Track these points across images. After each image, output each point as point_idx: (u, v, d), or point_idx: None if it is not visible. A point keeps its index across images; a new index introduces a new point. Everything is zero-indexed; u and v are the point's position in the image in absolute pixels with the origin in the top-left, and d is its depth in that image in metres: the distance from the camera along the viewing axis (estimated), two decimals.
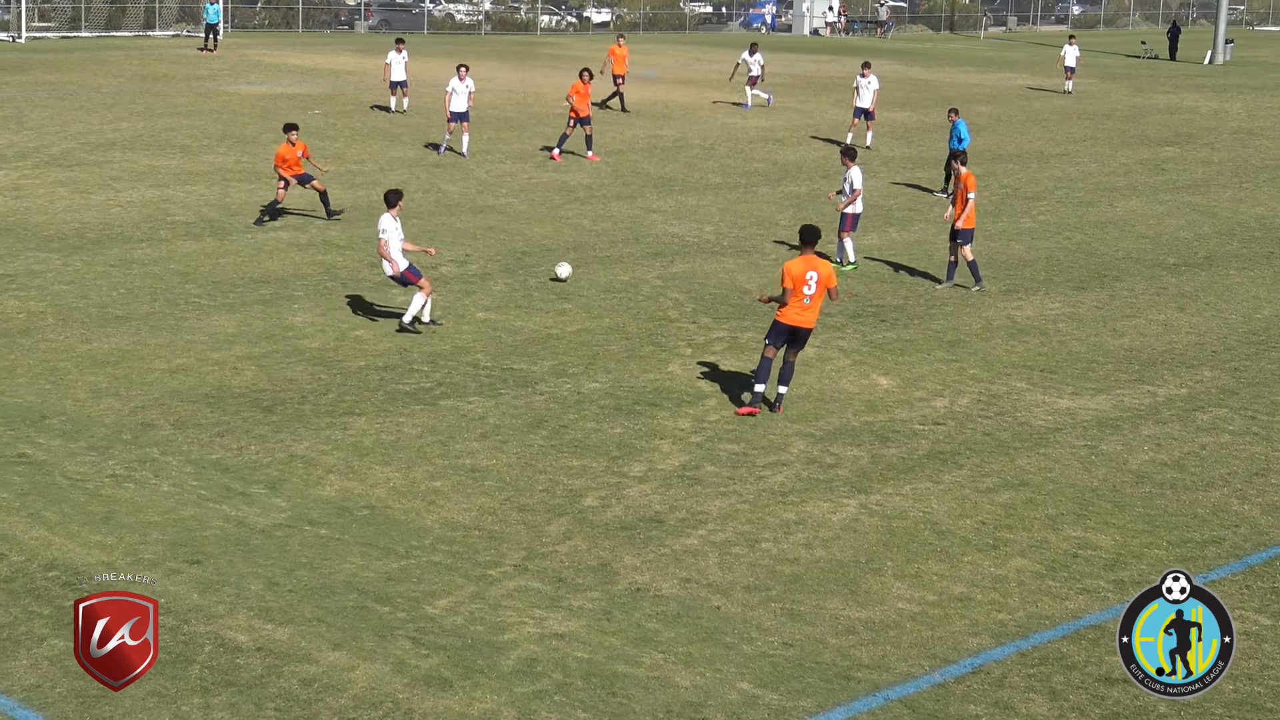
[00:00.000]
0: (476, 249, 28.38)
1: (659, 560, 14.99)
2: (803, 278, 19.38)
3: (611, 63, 51.24)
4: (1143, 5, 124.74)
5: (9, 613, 13.24)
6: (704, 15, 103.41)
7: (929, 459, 18.20)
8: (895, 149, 44.42)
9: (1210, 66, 79.62)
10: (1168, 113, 56.49)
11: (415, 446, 17.86)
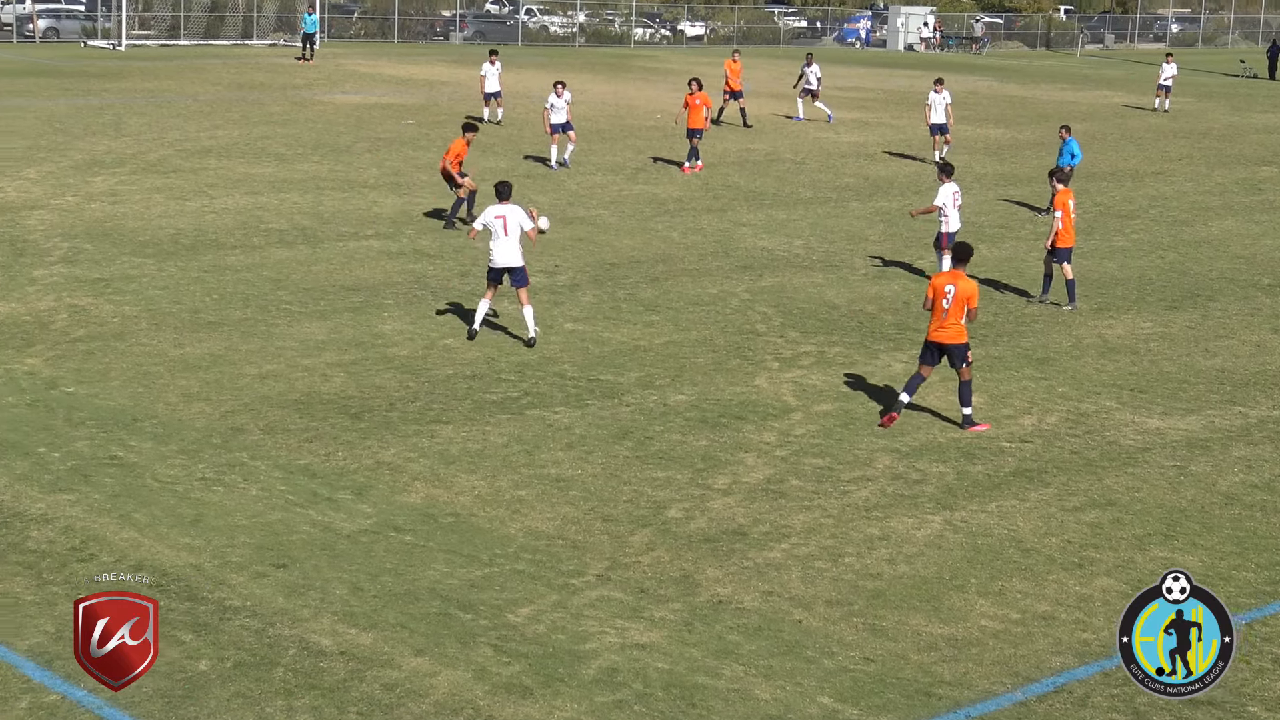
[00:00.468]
0: (566, 260, 28.49)
1: (741, 573, 14.99)
2: (941, 290, 19.64)
3: (727, 76, 51.34)
4: (1242, 24, 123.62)
5: None
6: (797, 29, 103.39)
7: (1015, 476, 18.11)
8: (988, 165, 44.21)
9: None
10: (1265, 132, 55.94)
11: (501, 455, 17.95)
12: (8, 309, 23.36)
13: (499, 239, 22.44)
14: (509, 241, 22.45)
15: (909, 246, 31.39)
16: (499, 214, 22.53)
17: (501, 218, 22.49)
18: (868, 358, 22.93)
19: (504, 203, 22.67)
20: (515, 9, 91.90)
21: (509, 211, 22.55)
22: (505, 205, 22.64)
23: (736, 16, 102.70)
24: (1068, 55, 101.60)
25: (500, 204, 22.66)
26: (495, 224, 22.50)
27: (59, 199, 32.17)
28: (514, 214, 22.55)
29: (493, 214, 22.59)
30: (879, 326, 24.81)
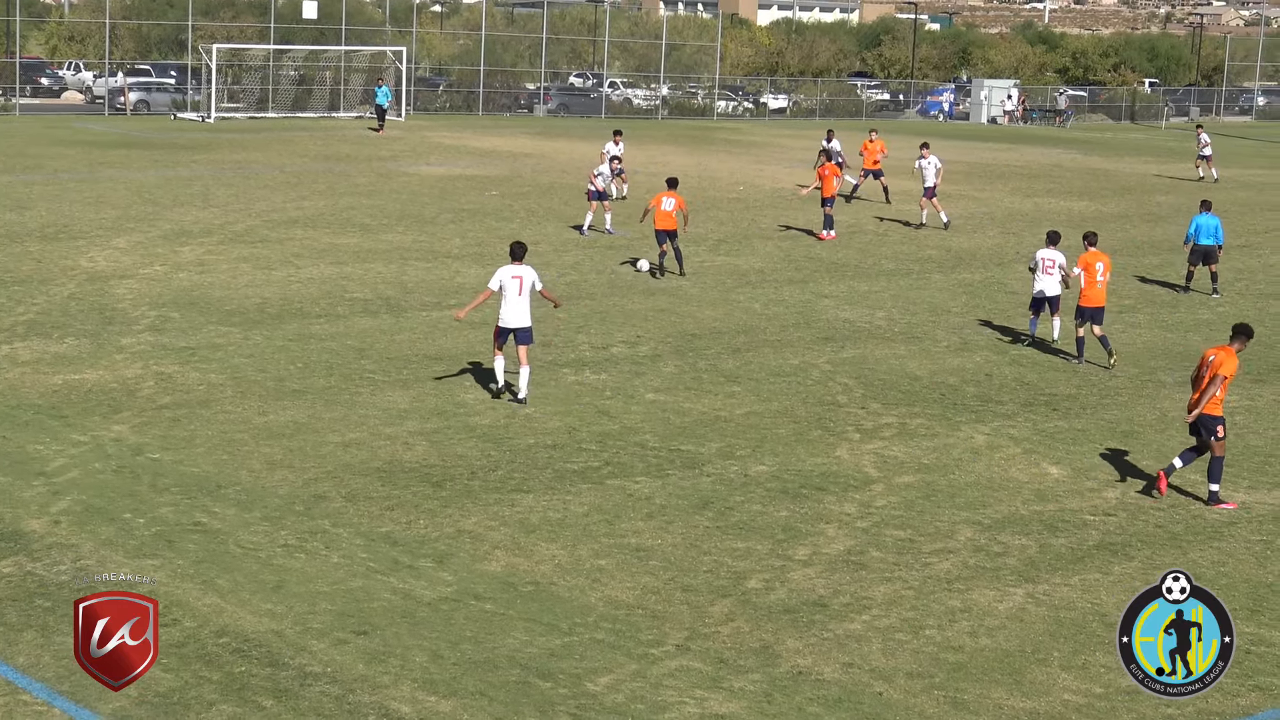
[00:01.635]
0: (648, 330, 28.56)
1: (822, 644, 14.92)
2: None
3: (863, 158, 51.82)
4: None
5: (180, 677, 13.50)
6: (880, 102, 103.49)
7: (1099, 550, 17.95)
8: (1071, 239, 43.93)
9: None
10: None
11: (581, 524, 17.97)
12: (96, 376, 23.65)
13: (510, 299, 22.67)
14: (522, 302, 22.73)
15: (992, 318, 31.28)
16: (515, 274, 22.76)
17: (518, 278, 22.74)
18: (949, 429, 22.83)
19: (518, 263, 22.91)
20: (599, 82, 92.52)
21: (524, 272, 22.81)
22: (520, 265, 22.89)
23: (820, 90, 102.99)
24: (1152, 128, 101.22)
25: (515, 264, 22.89)
26: (511, 284, 22.71)
27: (147, 268, 32.58)
28: (528, 275, 22.83)
29: (509, 274, 22.77)
30: (961, 398, 24.71)
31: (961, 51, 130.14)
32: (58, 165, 50.86)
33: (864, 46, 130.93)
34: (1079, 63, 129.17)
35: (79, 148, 56.59)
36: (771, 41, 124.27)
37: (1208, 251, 35.41)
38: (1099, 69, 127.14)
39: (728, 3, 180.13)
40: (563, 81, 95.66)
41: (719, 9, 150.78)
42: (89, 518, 17.43)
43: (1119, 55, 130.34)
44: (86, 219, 38.95)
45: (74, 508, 17.72)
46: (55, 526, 17.10)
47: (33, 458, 19.53)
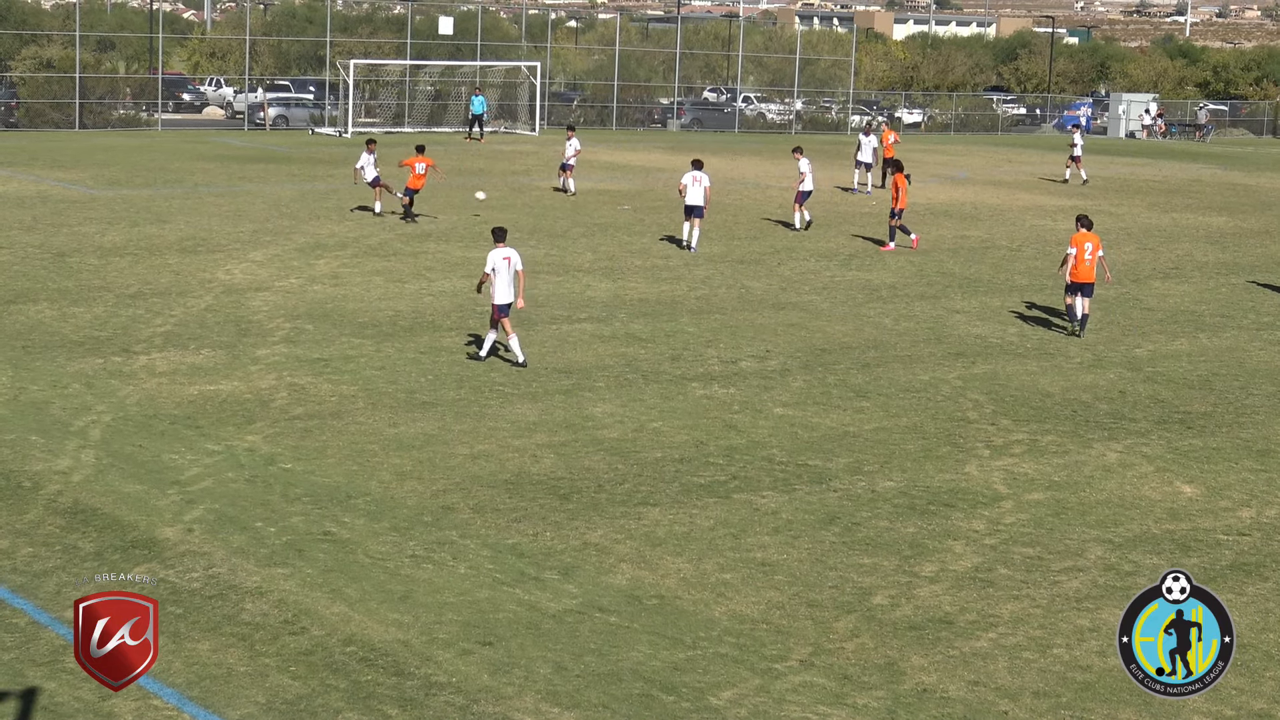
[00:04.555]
0: (777, 345, 28.52)
1: (947, 662, 14.82)
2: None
3: None
4: None
5: (308, 684, 13.66)
6: (1017, 117, 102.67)
7: (1232, 570, 17.68)
8: (1210, 254, 43.43)
9: None
10: None
11: (707, 539, 17.97)
12: (231, 387, 23.99)
13: (501, 278, 25.41)
14: (511, 280, 25.51)
15: (1126, 335, 30.93)
16: (504, 255, 25.51)
17: (507, 259, 25.51)
18: (1081, 447, 22.59)
19: (503, 245, 25.68)
20: (733, 96, 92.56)
21: (511, 254, 25.65)
22: (507, 248, 25.73)
23: (955, 104, 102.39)
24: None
25: (501, 246, 25.65)
26: (502, 264, 25.45)
27: (283, 281, 33.02)
28: (515, 255, 25.73)
29: (499, 256, 25.48)
30: (1093, 415, 24.44)
31: (1099, 65, 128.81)
32: (197, 179, 51.69)
33: (1000, 60, 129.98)
34: (1220, 76, 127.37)
35: (218, 162, 57.49)
36: (907, 56, 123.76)
37: None
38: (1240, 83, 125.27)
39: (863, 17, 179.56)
40: (696, 96, 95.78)
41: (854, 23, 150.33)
42: (221, 526, 17.68)
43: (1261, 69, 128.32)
44: (224, 232, 39.54)
45: (207, 516, 17.99)
46: (188, 535, 17.36)
47: (168, 467, 19.85)
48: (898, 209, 40.68)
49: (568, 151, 50.99)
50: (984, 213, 50.83)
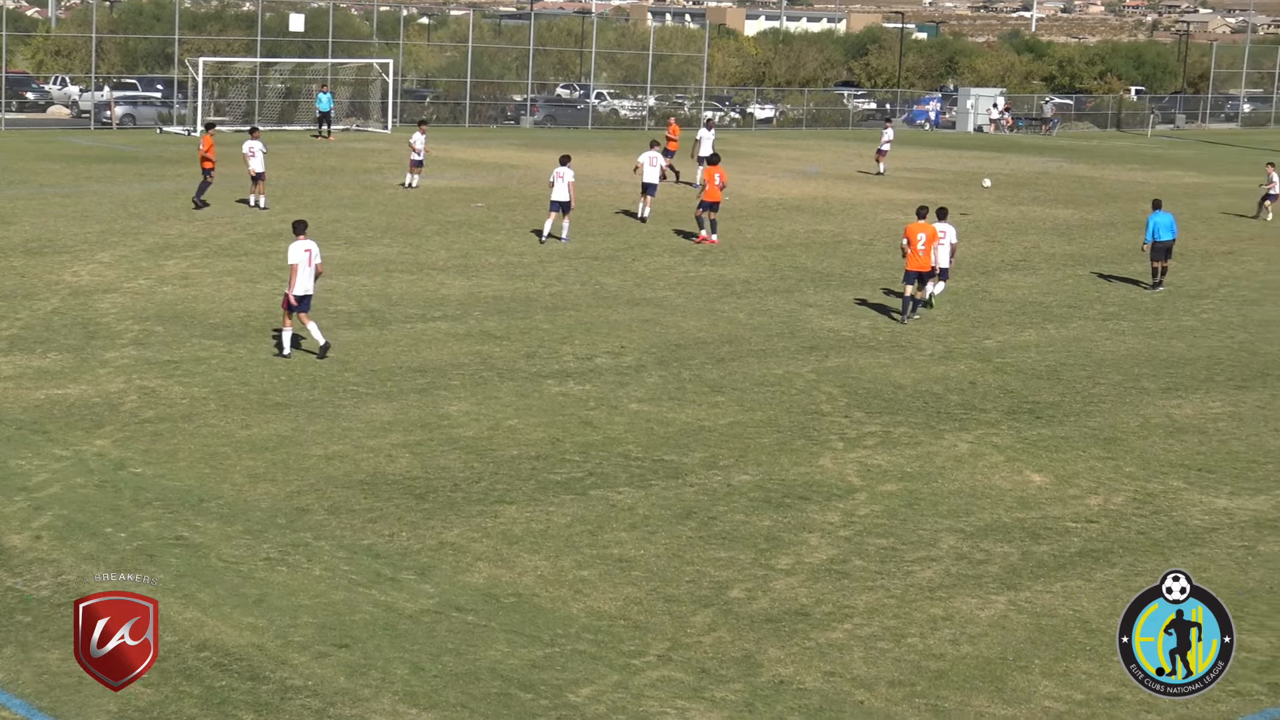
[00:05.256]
0: (632, 341, 28.57)
1: (803, 653, 14.94)
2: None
3: None
4: None
5: (160, 692, 13.48)
6: (867, 112, 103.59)
7: (1081, 557, 17.98)
8: (1057, 246, 44.10)
9: None
10: None
11: (564, 535, 17.98)
12: (79, 391, 23.62)
13: (302, 270, 25.55)
14: (310, 272, 25.75)
15: (975, 327, 31.33)
16: (305, 248, 25.65)
17: (308, 251, 25.66)
18: (933, 438, 22.86)
19: (304, 237, 25.80)
20: (586, 93, 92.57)
21: (312, 245, 25.85)
22: (308, 240, 25.84)
23: (806, 99, 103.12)
24: (1139, 135, 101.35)
25: (302, 238, 25.75)
26: (303, 257, 25.54)
27: (131, 282, 32.56)
28: (315, 248, 25.91)
29: (300, 249, 25.61)
30: (944, 406, 24.74)
31: (948, 60, 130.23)
32: (42, 180, 50.80)
33: (851, 56, 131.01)
34: (1065, 71, 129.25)
35: (64, 162, 56.53)
36: (759, 52, 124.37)
37: (1168, 247, 36.30)
38: (1085, 77, 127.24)
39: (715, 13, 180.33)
40: (549, 93, 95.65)
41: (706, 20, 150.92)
42: (70, 533, 17.41)
43: (1105, 63, 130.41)
44: (71, 233, 38.90)
45: (55, 523, 17.70)
46: (36, 542, 17.08)
47: (14, 473, 19.50)
48: (706, 200, 41.02)
49: (417, 146, 50.88)
50: (835, 207, 51.25)
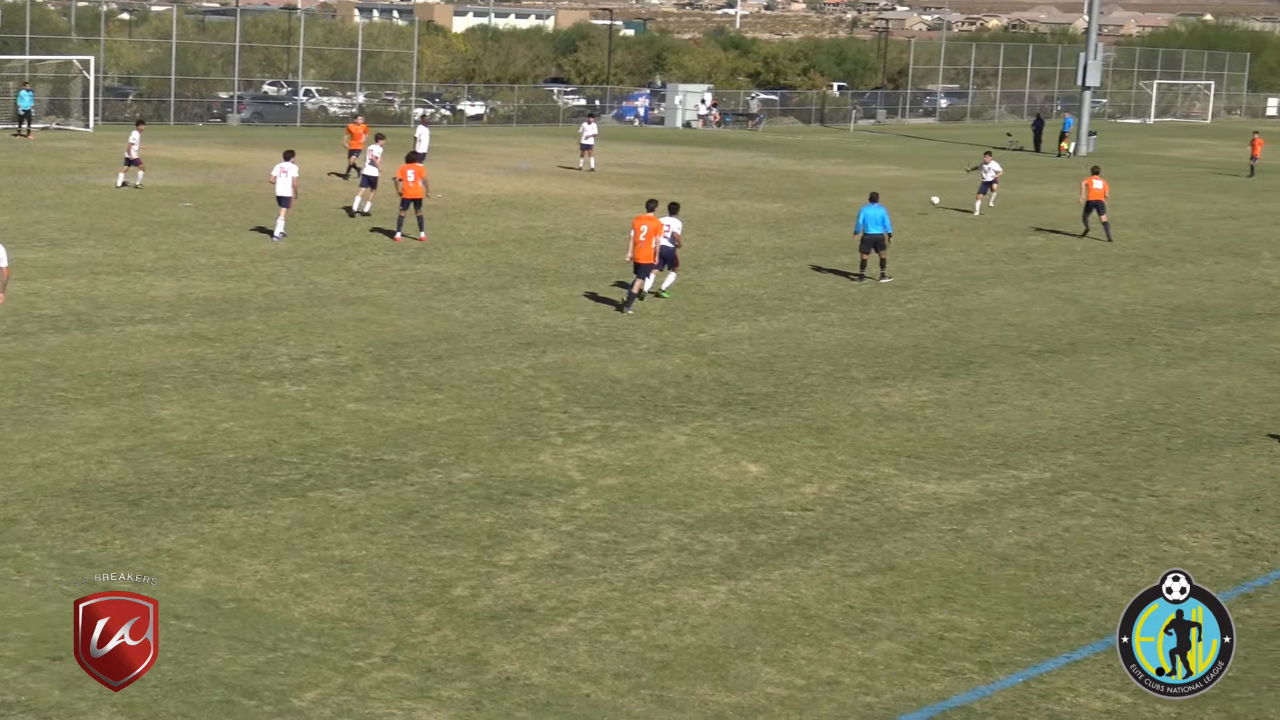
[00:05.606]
0: (348, 340, 28.32)
1: (529, 649, 14.98)
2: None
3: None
4: (1008, 99, 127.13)
5: None
6: (577, 108, 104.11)
7: (798, 545, 18.34)
8: (767, 239, 44.87)
9: (1074, 158, 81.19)
10: (1033, 202, 57.50)
11: (284, 539, 17.75)
12: None
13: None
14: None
15: (690, 320, 31.72)
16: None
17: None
18: (651, 431, 23.10)
19: None
20: (294, 90, 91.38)
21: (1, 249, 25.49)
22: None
23: (517, 96, 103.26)
24: (841, 130, 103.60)
25: None
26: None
27: None
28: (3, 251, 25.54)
29: None
30: (661, 400, 25.02)
31: (656, 57, 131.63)
32: None
33: (560, 53, 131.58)
34: (770, 67, 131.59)
35: None
36: (468, 48, 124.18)
37: (876, 240, 37.03)
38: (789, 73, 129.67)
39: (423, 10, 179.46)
40: (256, 90, 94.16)
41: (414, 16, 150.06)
42: None
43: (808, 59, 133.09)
44: None
45: None
46: None
47: None
48: (405, 198, 40.78)
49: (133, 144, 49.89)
50: (549, 203, 51.44)
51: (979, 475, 21.59)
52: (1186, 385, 27.77)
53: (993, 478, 21.48)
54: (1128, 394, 26.92)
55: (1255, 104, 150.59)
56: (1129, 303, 36.51)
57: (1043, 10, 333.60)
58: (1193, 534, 19.40)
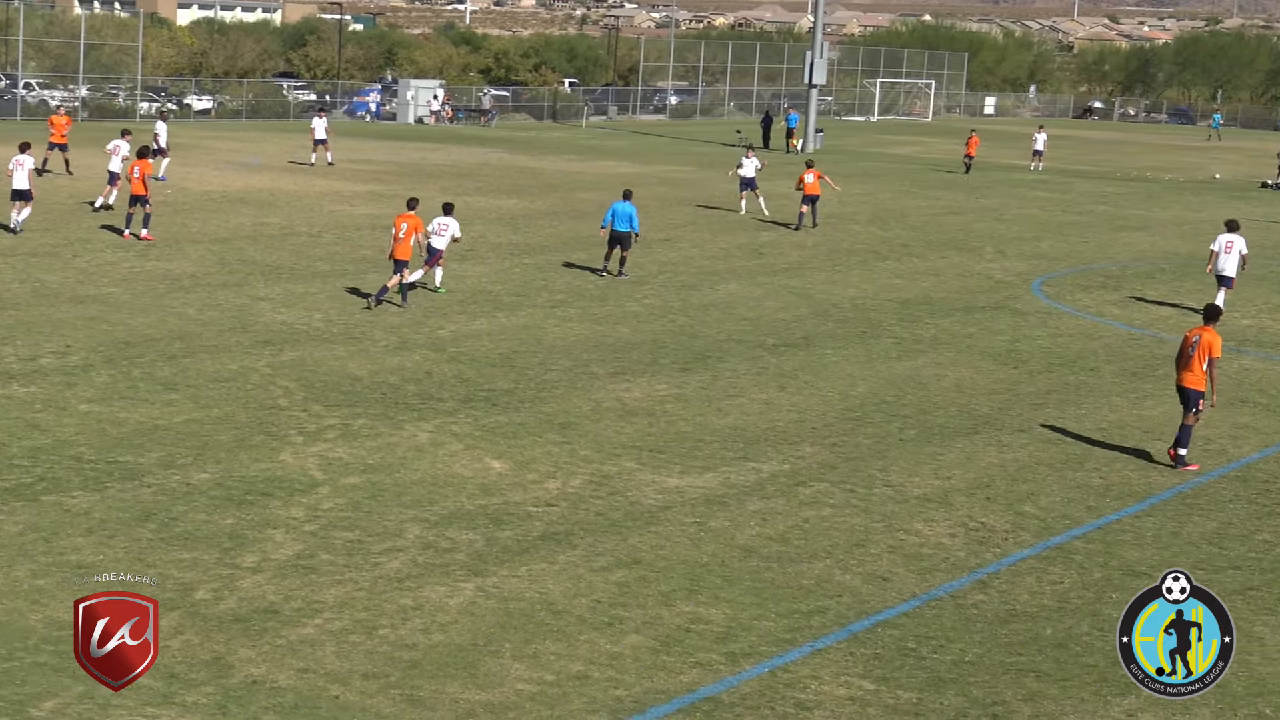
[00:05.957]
0: (78, 339, 27.61)
1: (275, 651, 14.78)
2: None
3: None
4: (736, 96, 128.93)
5: None
6: (308, 103, 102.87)
7: (544, 540, 18.38)
8: (503, 235, 44.85)
9: (803, 154, 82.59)
10: (765, 198, 58.29)
11: (16, 544, 17.25)
12: None
13: None
14: None
15: (429, 317, 31.58)
16: None
17: None
18: (393, 429, 22.94)
19: None
20: (13, 83, 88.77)
21: None
22: None
23: (245, 90, 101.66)
24: (574, 127, 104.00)
25: None
26: None
27: None
28: None
29: None
30: (403, 397, 24.86)
31: (387, 52, 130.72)
32: None
33: (289, 47, 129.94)
34: (501, 63, 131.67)
35: None
36: (194, 41, 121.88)
37: (622, 237, 37.32)
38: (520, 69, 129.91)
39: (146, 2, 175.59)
40: None
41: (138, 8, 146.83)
42: None
43: (539, 55, 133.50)
44: None
45: None
46: None
47: None
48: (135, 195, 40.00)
49: None
50: (281, 199, 50.75)
51: (720, 468, 21.86)
52: (917, 377, 28.46)
53: (733, 470, 21.77)
54: (861, 386, 27.50)
55: (974, 103, 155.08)
56: (859, 297, 37.27)
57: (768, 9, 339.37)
58: (927, 522, 19.90)
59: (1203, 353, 22.40)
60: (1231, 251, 36.40)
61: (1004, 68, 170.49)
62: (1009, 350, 31.45)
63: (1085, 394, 27.77)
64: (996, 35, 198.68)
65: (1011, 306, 36.92)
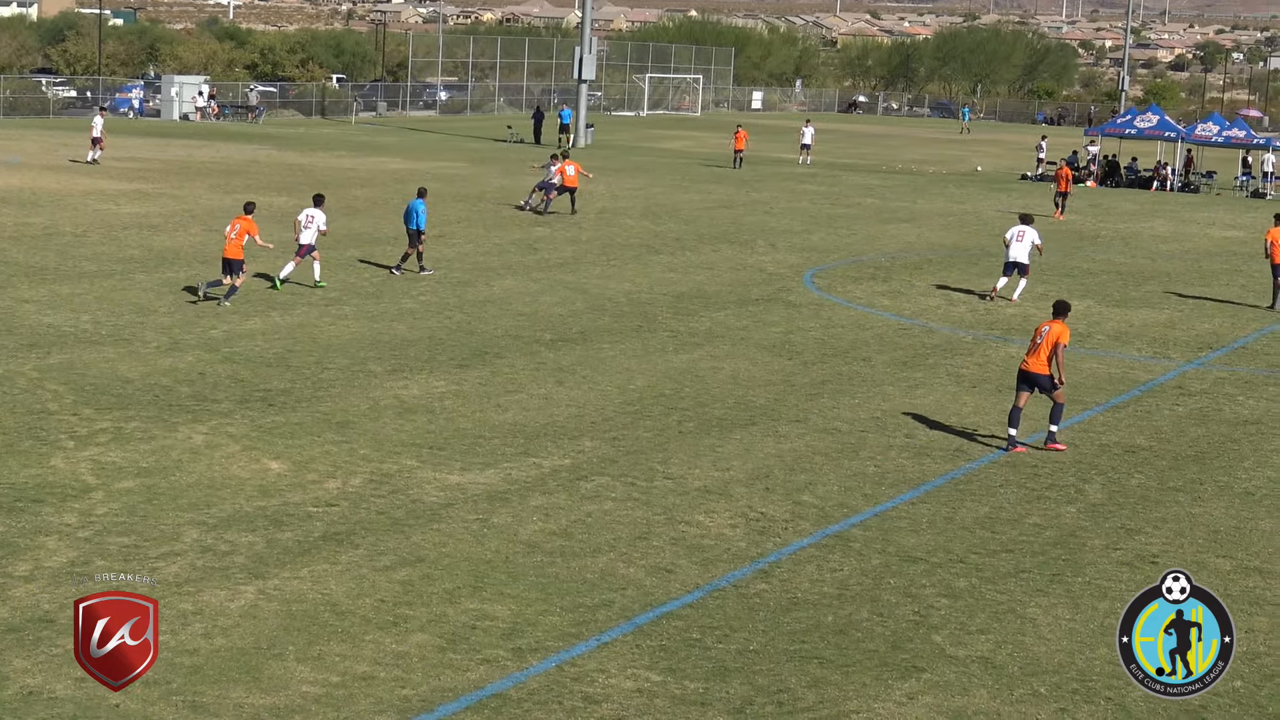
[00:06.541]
0: None
1: (51, 661, 14.44)
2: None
3: None
4: (507, 91, 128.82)
5: None
6: (68, 99, 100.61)
7: (325, 540, 18.20)
8: (274, 234, 44.20)
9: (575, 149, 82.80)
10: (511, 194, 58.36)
11: None
12: None
13: None
14: None
15: (201, 317, 31.07)
16: None
17: None
18: (167, 431, 22.55)
19: None
20: None
21: None
22: None
23: (3, 87, 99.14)
24: (343, 123, 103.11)
25: None
26: None
27: None
28: None
29: None
30: (176, 399, 24.44)
31: (149, 47, 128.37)
32: None
33: (47, 42, 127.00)
34: (267, 59, 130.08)
35: None
36: None
37: (413, 234, 37.31)
38: (288, 65, 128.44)
39: None
40: None
41: None
42: None
43: (306, 51, 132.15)
44: None
45: None
46: None
47: None
48: None
49: None
50: (44, 199, 49.59)
51: (501, 464, 21.84)
52: (694, 370, 28.70)
53: (514, 466, 21.76)
54: (639, 380, 27.65)
55: (741, 97, 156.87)
56: (634, 291, 37.47)
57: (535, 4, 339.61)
58: (709, 514, 20.08)
59: (1049, 341, 23.66)
60: (1024, 240, 37.97)
61: (770, 63, 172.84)
62: (783, 342, 31.86)
63: (858, 384, 28.25)
64: (762, 31, 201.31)
65: (784, 299, 37.40)
